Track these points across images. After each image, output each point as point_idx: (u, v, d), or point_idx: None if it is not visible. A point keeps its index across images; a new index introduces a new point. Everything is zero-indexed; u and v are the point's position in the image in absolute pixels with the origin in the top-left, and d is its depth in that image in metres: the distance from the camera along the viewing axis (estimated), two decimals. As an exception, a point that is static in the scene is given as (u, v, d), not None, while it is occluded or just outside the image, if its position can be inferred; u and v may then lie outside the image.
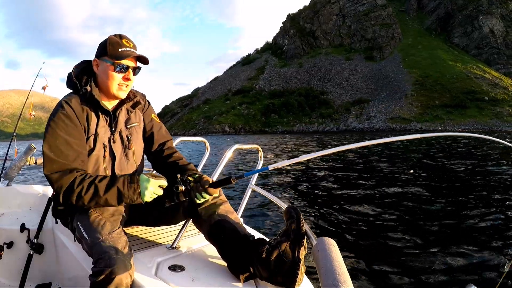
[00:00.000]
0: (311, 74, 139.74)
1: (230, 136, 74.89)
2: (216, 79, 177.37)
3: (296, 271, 1.28)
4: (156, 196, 1.57)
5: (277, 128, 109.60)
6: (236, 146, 2.18)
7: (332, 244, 1.13)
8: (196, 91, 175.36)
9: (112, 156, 1.75)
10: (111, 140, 1.74)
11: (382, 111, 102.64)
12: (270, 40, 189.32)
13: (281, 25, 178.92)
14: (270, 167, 1.40)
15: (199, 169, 2.51)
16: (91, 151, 1.67)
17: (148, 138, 1.96)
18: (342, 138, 45.66)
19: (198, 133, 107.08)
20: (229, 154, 2.08)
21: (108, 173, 1.73)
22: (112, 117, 1.76)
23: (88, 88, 1.67)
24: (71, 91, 1.75)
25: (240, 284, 1.44)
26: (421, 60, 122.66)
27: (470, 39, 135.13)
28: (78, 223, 1.61)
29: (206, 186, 1.57)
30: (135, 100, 1.86)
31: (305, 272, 1.35)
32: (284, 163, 1.34)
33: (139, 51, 1.73)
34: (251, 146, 2.39)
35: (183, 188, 1.60)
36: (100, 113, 1.71)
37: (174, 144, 2.11)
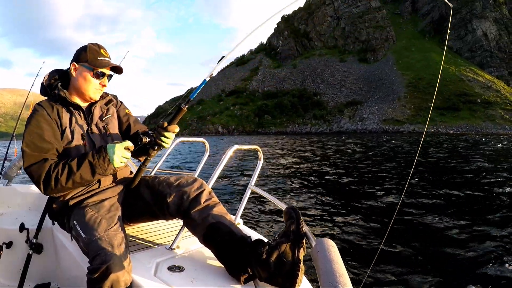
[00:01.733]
0: (305, 75, 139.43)
1: (223, 137, 74.68)
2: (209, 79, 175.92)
3: (296, 272, 1.27)
4: (125, 159, 1.64)
5: (270, 129, 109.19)
6: (235, 147, 2.17)
7: (331, 245, 1.13)
8: (190, 91, 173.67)
9: (93, 145, 1.83)
10: (89, 131, 1.86)
11: (375, 112, 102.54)
12: (264, 41, 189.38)
13: (276, 26, 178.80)
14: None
15: (199, 169, 2.57)
16: (69, 142, 1.77)
17: (125, 129, 2.07)
18: (334, 139, 45.42)
19: (192, 134, 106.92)
20: (228, 155, 2.08)
21: None
22: (86, 112, 1.89)
23: (56, 91, 1.82)
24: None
25: (239, 286, 1.43)
26: (414, 62, 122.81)
27: (463, 42, 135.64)
28: (75, 222, 1.64)
29: (165, 125, 1.65)
30: (107, 98, 2.03)
31: (304, 273, 1.34)
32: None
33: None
34: (251, 147, 2.34)
35: (146, 139, 1.68)
36: (72, 109, 1.84)
37: (173, 145, 2.25)
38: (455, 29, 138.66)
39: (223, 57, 1.77)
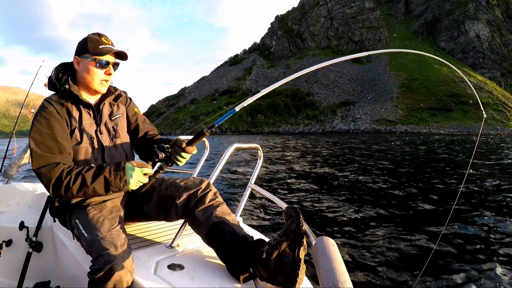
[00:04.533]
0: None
1: (217, 137, 74.36)
2: (203, 79, 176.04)
3: (296, 271, 1.27)
4: (141, 183, 1.61)
5: (263, 129, 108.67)
6: (235, 145, 2.16)
7: (331, 244, 1.13)
8: (183, 90, 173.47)
9: (101, 147, 1.79)
10: (98, 132, 1.79)
11: (368, 113, 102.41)
12: (258, 41, 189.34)
13: (269, 26, 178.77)
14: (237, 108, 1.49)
15: (198, 168, 2.66)
16: (78, 143, 1.71)
17: (133, 130, 2.02)
18: (329, 139, 45.28)
19: (184, 133, 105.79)
20: (228, 153, 2.08)
21: (99, 163, 1.75)
22: (95, 110, 1.82)
23: (67, 86, 1.74)
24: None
25: (239, 284, 1.43)
26: (407, 63, 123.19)
27: (456, 43, 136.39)
28: (77, 220, 1.62)
29: (183, 146, 1.61)
30: (116, 94, 1.95)
31: (304, 272, 1.33)
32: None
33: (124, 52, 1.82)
34: (251, 146, 2.33)
35: (162, 155, 1.63)
36: (81, 107, 1.77)
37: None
38: (448, 30, 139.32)
39: (258, 91, 1.63)
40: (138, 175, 1.57)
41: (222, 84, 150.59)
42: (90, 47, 1.73)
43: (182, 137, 1.70)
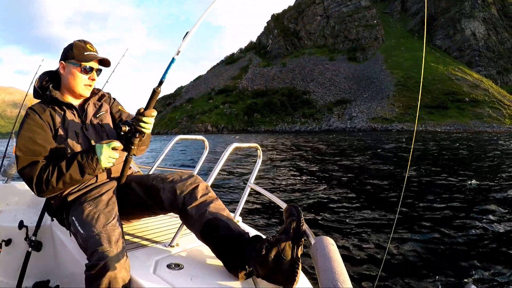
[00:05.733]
0: (294, 74, 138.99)
1: (213, 135, 74.25)
2: (199, 78, 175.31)
3: (295, 269, 1.27)
4: (113, 159, 1.66)
5: (260, 128, 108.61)
6: (235, 145, 2.17)
7: (330, 243, 1.12)
8: (179, 90, 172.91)
9: (87, 142, 1.83)
10: (84, 129, 1.85)
11: (364, 111, 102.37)
12: (254, 39, 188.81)
13: (265, 24, 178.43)
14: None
15: (198, 167, 2.62)
16: (64, 140, 1.76)
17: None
18: (325, 138, 45.23)
19: (181, 132, 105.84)
20: (227, 153, 2.08)
21: None
22: (79, 110, 1.89)
23: (48, 92, 1.83)
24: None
25: (238, 282, 1.43)
26: (403, 61, 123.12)
27: (452, 41, 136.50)
28: (73, 218, 1.65)
29: (142, 111, 1.65)
30: (99, 94, 2.04)
31: (303, 271, 1.34)
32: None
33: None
34: (250, 145, 2.35)
35: (126, 127, 1.67)
36: (65, 108, 1.84)
37: (173, 142, 2.37)
38: (444, 28, 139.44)
39: (187, 32, 1.70)
40: (107, 151, 1.62)
41: (218, 83, 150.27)
42: (76, 53, 1.80)
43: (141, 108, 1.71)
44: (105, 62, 1.90)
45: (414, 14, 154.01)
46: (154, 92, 1.63)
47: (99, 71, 1.91)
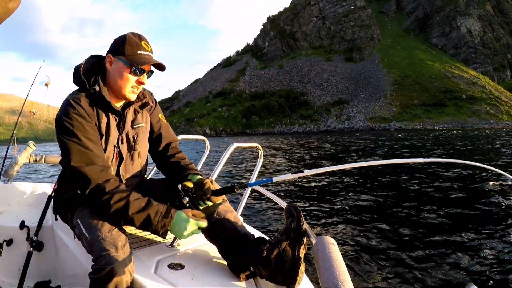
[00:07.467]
0: (292, 75, 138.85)
1: (212, 139, 74.21)
2: (196, 81, 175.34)
3: (296, 270, 1.27)
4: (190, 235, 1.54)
5: (258, 130, 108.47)
6: (236, 145, 2.16)
7: (332, 243, 1.13)
8: (177, 93, 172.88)
9: (120, 158, 1.71)
10: (120, 141, 1.70)
11: (362, 111, 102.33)
12: (250, 42, 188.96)
13: (261, 27, 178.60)
14: (275, 179, 1.39)
15: (199, 167, 2.60)
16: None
17: (155, 138, 1.92)
18: (322, 139, 45.20)
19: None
20: (229, 152, 2.07)
21: (113, 174, 1.62)
22: (121, 117, 1.71)
23: (97, 88, 1.60)
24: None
25: (239, 283, 1.43)
26: (399, 60, 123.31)
27: (448, 39, 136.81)
28: (78, 220, 1.57)
29: (209, 195, 1.57)
30: (144, 101, 1.81)
31: (304, 271, 1.34)
32: (288, 176, 1.34)
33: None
34: (251, 145, 2.36)
35: (186, 199, 1.64)
36: (110, 113, 1.66)
37: None
38: (439, 26, 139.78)
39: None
40: (193, 228, 1.47)
41: (215, 86, 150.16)
42: (128, 50, 1.58)
43: (211, 185, 1.62)
44: (160, 66, 1.67)
45: (409, 13, 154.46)
46: (233, 191, 1.50)
47: (150, 72, 1.69)
